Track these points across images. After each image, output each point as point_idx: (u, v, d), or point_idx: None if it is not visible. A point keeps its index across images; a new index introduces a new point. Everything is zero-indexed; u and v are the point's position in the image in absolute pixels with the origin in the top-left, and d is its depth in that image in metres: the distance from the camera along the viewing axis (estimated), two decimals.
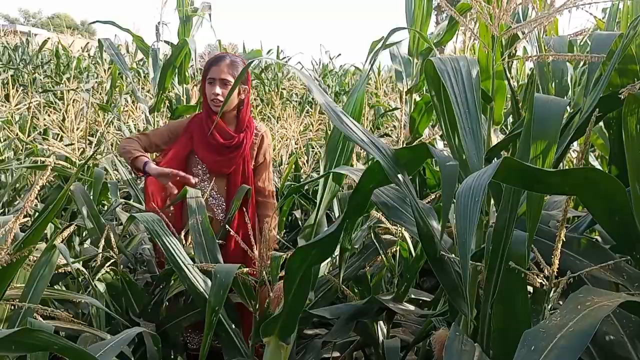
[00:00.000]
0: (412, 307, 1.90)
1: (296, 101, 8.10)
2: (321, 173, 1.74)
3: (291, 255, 1.34)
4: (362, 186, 1.28)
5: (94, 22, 4.10)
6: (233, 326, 1.81)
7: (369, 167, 1.26)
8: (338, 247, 1.82)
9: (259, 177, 2.45)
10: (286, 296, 1.42)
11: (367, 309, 1.71)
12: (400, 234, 1.97)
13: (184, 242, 2.10)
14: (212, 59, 2.40)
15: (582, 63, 1.98)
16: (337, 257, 1.83)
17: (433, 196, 2.03)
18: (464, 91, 1.20)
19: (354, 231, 2.08)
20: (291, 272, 1.37)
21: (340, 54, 11.01)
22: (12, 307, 1.37)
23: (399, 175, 1.22)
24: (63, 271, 1.77)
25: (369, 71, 1.69)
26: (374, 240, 2.00)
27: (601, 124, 1.50)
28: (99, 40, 4.58)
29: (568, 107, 1.47)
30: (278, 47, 9.34)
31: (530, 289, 1.27)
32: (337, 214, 2.61)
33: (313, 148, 4.02)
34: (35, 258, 1.46)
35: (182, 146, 2.38)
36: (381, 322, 1.98)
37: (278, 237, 2.31)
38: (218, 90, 2.31)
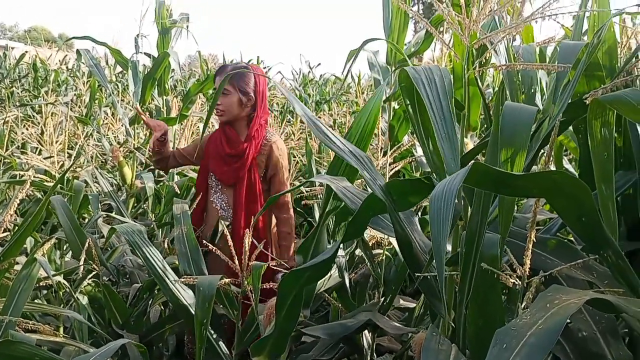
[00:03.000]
0: (402, 326, 1.90)
1: (277, 110, 8.13)
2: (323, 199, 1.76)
3: (284, 277, 1.35)
4: (361, 214, 1.30)
5: (70, 39, 4.08)
6: (215, 336, 1.81)
7: (369, 196, 1.28)
8: None
9: (273, 189, 2.39)
10: (278, 315, 1.42)
11: (358, 328, 1.73)
12: (387, 243, 1.99)
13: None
14: (217, 69, 2.46)
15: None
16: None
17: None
18: (439, 99, 1.23)
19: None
20: (283, 293, 1.38)
21: (320, 64, 11.01)
22: None
23: (377, 183, 1.25)
24: (44, 284, 1.76)
25: (346, 77, 1.72)
26: (360, 249, 2.02)
27: (571, 128, 1.55)
28: (77, 50, 4.56)
29: (541, 107, 1.52)
30: (258, 57, 9.37)
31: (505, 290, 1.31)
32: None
33: (295, 157, 4.04)
34: (16, 272, 1.46)
35: (205, 158, 2.46)
36: (366, 331, 2.00)
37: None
38: (219, 100, 2.34)
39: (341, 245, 1.86)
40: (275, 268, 2.08)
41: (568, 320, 1.19)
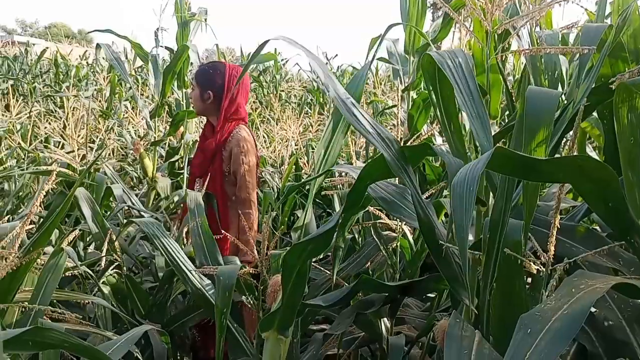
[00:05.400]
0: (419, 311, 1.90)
1: (295, 102, 8.13)
2: (316, 166, 1.77)
3: (288, 251, 1.37)
4: (360, 183, 1.32)
5: (92, 31, 4.16)
6: (236, 325, 1.82)
7: (366, 165, 1.30)
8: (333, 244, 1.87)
9: (237, 185, 2.45)
10: (284, 290, 1.44)
11: (367, 303, 1.72)
12: (400, 230, 1.98)
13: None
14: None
15: (577, 56, 2.01)
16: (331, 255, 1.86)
17: (432, 191, 2.05)
18: (466, 80, 1.22)
19: (347, 229, 2.10)
20: (288, 267, 1.40)
21: (337, 55, 10.97)
22: (22, 310, 1.39)
23: (403, 168, 1.24)
24: (70, 274, 1.79)
25: (369, 66, 1.70)
26: (374, 237, 2.02)
27: (595, 114, 1.52)
28: (97, 44, 4.60)
29: (563, 97, 1.50)
30: (275, 49, 9.37)
31: (529, 279, 1.29)
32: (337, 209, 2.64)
33: (313, 148, 4.05)
34: (42, 262, 1.49)
35: None
36: (385, 319, 2.00)
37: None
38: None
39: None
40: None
41: (593, 309, 1.18)
